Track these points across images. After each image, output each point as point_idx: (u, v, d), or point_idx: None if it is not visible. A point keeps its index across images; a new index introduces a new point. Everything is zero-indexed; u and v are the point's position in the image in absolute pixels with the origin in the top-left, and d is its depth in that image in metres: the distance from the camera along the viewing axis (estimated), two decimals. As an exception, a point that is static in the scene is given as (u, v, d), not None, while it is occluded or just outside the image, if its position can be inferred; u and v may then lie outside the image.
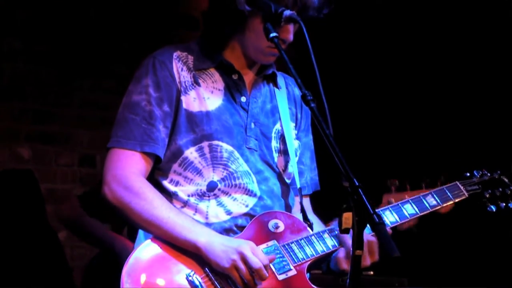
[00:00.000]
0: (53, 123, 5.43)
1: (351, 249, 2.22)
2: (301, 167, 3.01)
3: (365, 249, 2.69)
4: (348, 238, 2.74)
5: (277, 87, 3.00)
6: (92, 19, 5.49)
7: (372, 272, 4.49)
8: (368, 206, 2.24)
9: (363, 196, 2.27)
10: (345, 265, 2.79)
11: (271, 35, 2.67)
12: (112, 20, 5.55)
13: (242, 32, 2.82)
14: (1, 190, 4.68)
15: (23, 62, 5.32)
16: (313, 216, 3.00)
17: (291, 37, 2.79)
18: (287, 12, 2.69)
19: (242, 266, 2.58)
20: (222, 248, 2.61)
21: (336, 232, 2.80)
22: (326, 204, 3.00)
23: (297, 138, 3.02)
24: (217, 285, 2.61)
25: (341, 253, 2.80)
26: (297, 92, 3.06)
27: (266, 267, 2.60)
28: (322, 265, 2.89)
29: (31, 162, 5.34)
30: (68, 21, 5.43)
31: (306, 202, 3.04)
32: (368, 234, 2.61)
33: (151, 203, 2.68)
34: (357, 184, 2.30)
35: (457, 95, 5.49)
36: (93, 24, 5.50)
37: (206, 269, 2.63)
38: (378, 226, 2.21)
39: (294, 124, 3.02)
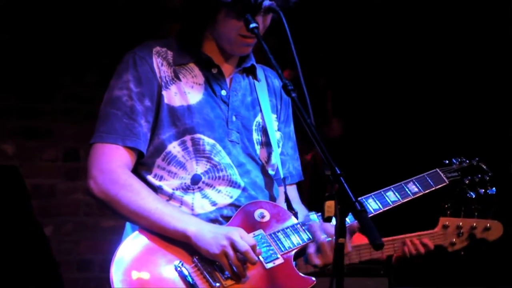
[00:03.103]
0: (37, 118, 5.42)
1: (323, 241, 2.24)
2: (282, 157, 3.03)
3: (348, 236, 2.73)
4: (317, 231, 2.77)
5: (257, 80, 3.02)
6: (76, 12, 5.47)
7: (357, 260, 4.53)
8: (350, 194, 2.28)
9: (345, 184, 2.30)
10: (317, 260, 2.79)
11: (251, 25, 2.69)
12: (95, 13, 5.53)
13: (213, 25, 2.84)
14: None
15: (5, 57, 5.30)
16: (300, 205, 3.03)
17: (261, 28, 2.80)
18: (267, 2, 2.72)
19: (231, 252, 2.61)
20: (211, 235, 2.64)
21: (307, 225, 2.82)
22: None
23: (278, 129, 3.04)
24: (206, 274, 2.64)
25: (311, 248, 2.81)
26: (276, 83, 3.08)
27: (254, 248, 2.63)
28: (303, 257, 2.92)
29: (15, 158, 5.34)
30: (51, 15, 5.40)
31: (293, 191, 3.07)
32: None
33: (138, 194, 2.70)
34: (338, 172, 2.33)
35: (446, 93, 5.54)
36: (77, 17, 5.48)
37: (195, 258, 2.66)
38: (361, 214, 2.25)
39: (275, 116, 3.04)
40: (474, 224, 3.46)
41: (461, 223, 3.36)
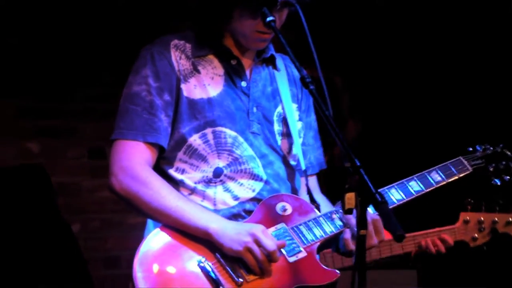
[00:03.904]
0: (59, 117, 5.43)
1: (355, 229, 2.23)
2: (303, 147, 3.02)
3: (370, 228, 2.71)
4: (352, 219, 2.75)
5: (277, 69, 3.00)
6: (91, 12, 5.49)
7: None
8: (370, 185, 2.24)
9: (365, 176, 2.27)
10: (352, 246, 2.79)
11: (268, 19, 2.67)
12: (111, 13, 5.54)
13: (229, 20, 2.83)
14: (14, 185, 4.70)
15: (23, 58, 5.33)
16: (321, 196, 3.01)
17: (278, 23, 2.78)
18: None
19: (255, 247, 2.59)
20: (234, 231, 2.62)
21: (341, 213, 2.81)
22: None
23: (299, 119, 3.02)
24: (229, 269, 2.62)
25: (347, 234, 2.79)
26: (296, 73, 3.05)
27: (278, 247, 2.62)
28: (331, 246, 2.90)
29: (40, 157, 5.37)
30: (67, 17, 5.42)
31: (313, 182, 3.06)
32: (373, 213, 2.64)
33: (158, 192, 2.70)
34: (358, 164, 2.30)
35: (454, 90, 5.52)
36: (92, 17, 5.50)
37: (217, 254, 2.64)
38: (381, 205, 2.21)
39: (296, 105, 3.02)
40: (496, 219, 3.42)
41: (482, 218, 3.34)
